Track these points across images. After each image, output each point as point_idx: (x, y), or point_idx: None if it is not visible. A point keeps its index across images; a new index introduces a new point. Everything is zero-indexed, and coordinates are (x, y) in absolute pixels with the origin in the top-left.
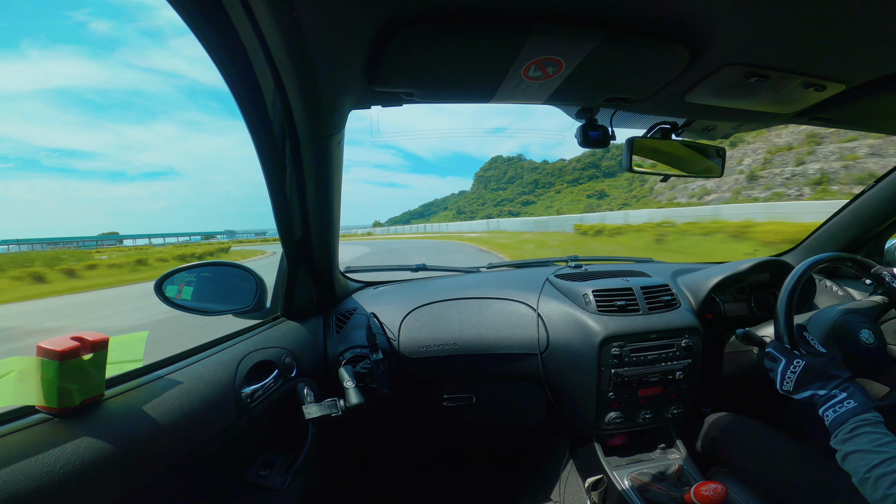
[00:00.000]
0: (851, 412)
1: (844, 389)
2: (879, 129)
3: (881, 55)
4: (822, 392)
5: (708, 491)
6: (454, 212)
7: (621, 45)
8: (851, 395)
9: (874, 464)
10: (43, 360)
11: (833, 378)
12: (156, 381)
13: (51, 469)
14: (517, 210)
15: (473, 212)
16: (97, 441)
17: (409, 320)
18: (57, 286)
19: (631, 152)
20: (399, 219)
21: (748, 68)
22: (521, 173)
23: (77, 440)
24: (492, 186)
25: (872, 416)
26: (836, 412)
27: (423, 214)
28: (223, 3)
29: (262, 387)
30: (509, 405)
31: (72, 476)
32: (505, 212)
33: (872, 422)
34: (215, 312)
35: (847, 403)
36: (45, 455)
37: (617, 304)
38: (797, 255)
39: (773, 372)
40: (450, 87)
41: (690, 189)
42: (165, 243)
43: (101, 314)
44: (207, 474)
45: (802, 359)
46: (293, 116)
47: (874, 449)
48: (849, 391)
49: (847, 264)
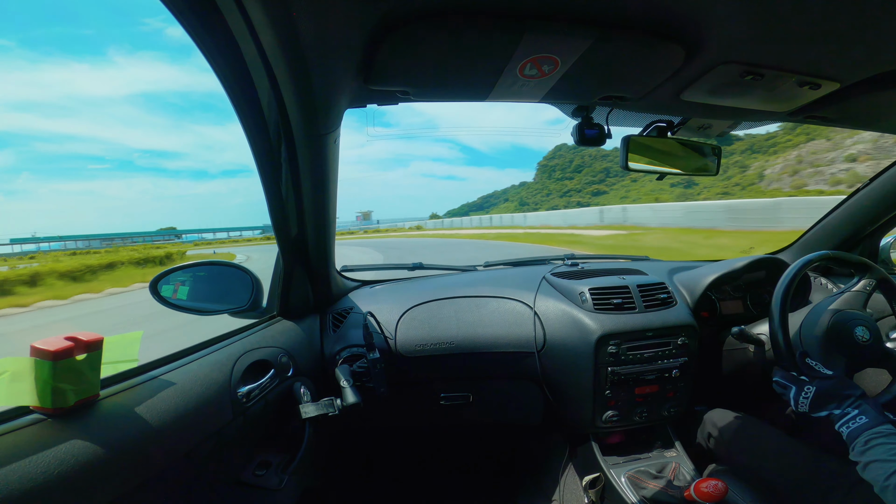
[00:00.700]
0: (864, 427)
1: (857, 407)
2: (874, 128)
3: (875, 54)
4: (837, 412)
5: (708, 487)
6: (516, 203)
7: (616, 44)
8: (863, 412)
9: (891, 472)
10: (36, 361)
11: (846, 398)
12: (151, 381)
13: (45, 470)
14: (587, 201)
15: (538, 203)
16: (92, 441)
17: (405, 319)
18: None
19: (627, 150)
20: (457, 211)
21: (743, 67)
22: (590, 162)
23: (72, 441)
24: (556, 176)
25: (885, 428)
26: (849, 428)
27: (483, 206)
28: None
29: (258, 386)
30: (506, 404)
31: (66, 477)
32: (573, 202)
33: (885, 433)
34: (211, 312)
35: (859, 419)
36: (40, 455)
37: (613, 302)
38: (792, 252)
39: (785, 395)
40: (445, 85)
41: (830, 173)
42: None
43: None
44: (203, 474)
45: (812, 384)
46: (288, 115)
47: (890, 458)
48: (861, 408)
49: (838, 262)
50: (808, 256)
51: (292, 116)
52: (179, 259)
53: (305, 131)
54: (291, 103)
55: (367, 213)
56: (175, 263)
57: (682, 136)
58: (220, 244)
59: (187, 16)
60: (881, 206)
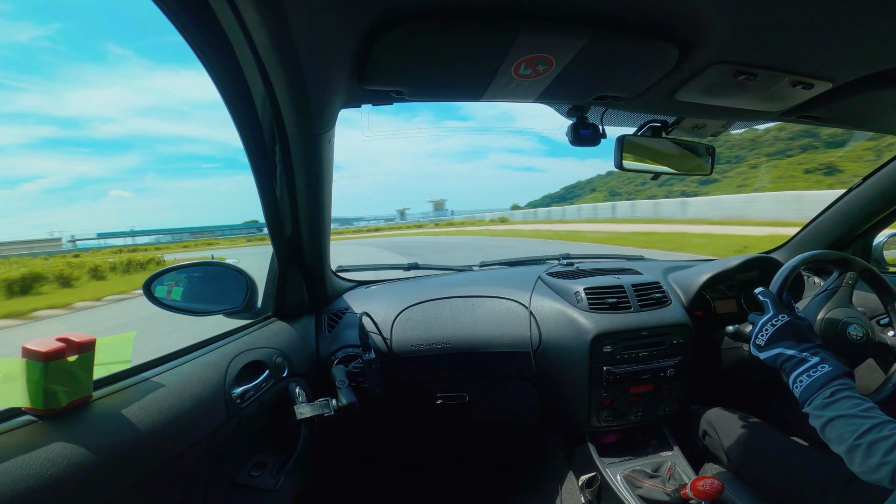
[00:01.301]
0: (828, 376)
1: (816, 354)
2: (866, 127)
3: (866, 54)
4: (790, 352)
5: (704, 486)
6: (606, 193)
7: (611, 44)
8: (825, 360)
9: (864, 430)
10: (28, 362)
11: (807, 341)
12: (144, 382)
13: (37, 471)
14: (693, 190)
15: (631, 192)
16: (84, 443)
17: (401, 319)
18: None
19: (622, 150)
20: (539, 202)
21: (736, 66)
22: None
23: (63, 442)
24: None
25: (849, 381)
26: (810, 377)
27: (565, 198)
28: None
29: (253, 387)
30: (502, 404)
31: (58, 478)
32: (676, 192)
33: (851, 386)
34: (205, 313)
35: (822, 367)
36: (31, 457)
37: (608, 301)
38: (785, 252)
39: (754, 324)
40: (440, 85)
41: None
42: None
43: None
44: (198, 475)
45: (789, 316)
46: (282, 115)
47: (860, 414)
48: (821, 356)
49: (816, 264)
50: (788, 264)
51: (286, 116)
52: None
53: (300, 131)
54: (285, 103)
55: (440, 202)
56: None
57: (677, 135)
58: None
59: (180, 16)
60: (874, 205)
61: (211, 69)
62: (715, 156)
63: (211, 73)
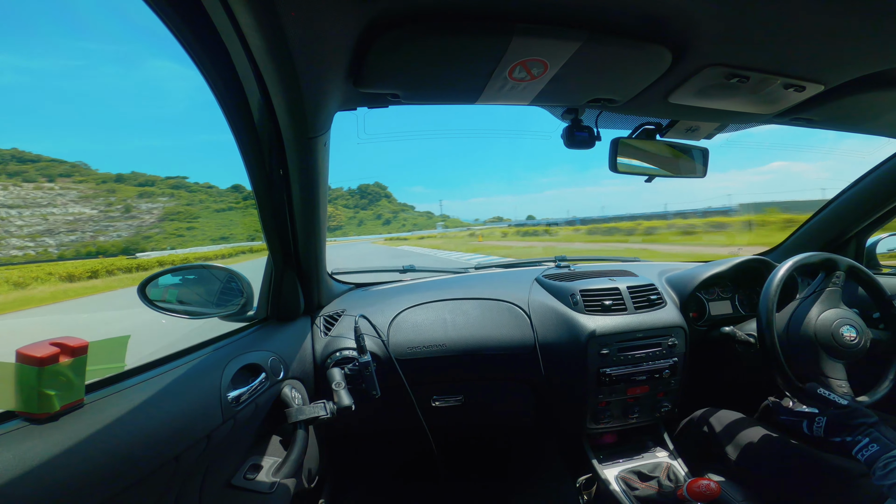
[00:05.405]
0: (879, 453)
1: (867, 435)
2: (858, 129)
3: (858, 56)
4: (849, 439)
5: (700, 487)
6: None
7: (605, 47)
8: (875, 440)
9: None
10: (22, 366)
11: (855, 428)
12: (139, 384)
13: (31, 475)
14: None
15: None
16: (78, 446)
17: (397, 322)
18: None
19: (616, 153)
20: None
21: (729, 69)
22: None
23: (57, 446)
24: None
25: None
26: (863, 456)
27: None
28: (203, 3)
29: (248, 390)
30: (499, 406)
31: (52, 482)
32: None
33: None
34: (201, 315)
35: (871, 447)
36: (25, 460)
37: (604, 303)
38: (779, 254)
39: (795, 427)
40: (435, 88)
41: None
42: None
43: None
44: (193, 478)
45: (823, 414)
46: (277, 118)
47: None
48: (872, 436)
49: (816, 265)
50: (796, 257)
51: (281, 119)
52: None
53: (295, 134)
54: (280, 106)
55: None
56: None
57: (671, 138)
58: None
59: (173, 18)
60: (867, 206)
61: (206, 72)
62: (708, 157)
63: (206, 75)
